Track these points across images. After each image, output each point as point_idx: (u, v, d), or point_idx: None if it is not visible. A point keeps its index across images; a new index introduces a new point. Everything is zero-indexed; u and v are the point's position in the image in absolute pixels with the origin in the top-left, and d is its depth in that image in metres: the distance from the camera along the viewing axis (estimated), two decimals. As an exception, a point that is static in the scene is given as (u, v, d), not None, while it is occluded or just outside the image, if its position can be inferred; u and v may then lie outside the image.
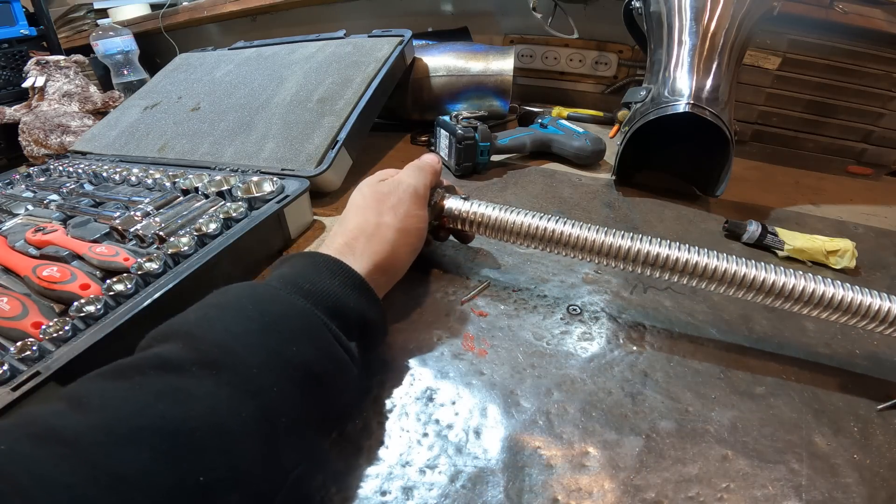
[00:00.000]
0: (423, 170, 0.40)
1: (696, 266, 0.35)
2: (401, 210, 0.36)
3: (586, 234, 0.37)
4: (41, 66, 0.84)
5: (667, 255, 0.35)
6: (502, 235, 0.41)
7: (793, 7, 0.63)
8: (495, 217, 0.40)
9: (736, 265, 0.34)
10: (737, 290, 0.34)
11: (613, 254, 0.36)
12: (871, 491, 0.28)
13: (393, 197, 0.37)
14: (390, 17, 1.09)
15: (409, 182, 0.38)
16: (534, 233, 0.39)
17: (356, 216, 0.36)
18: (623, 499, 0.28)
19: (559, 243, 0.38)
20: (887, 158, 0.73)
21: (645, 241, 0.36)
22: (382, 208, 0.36)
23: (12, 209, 0.55)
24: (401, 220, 0.36)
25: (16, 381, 0.30)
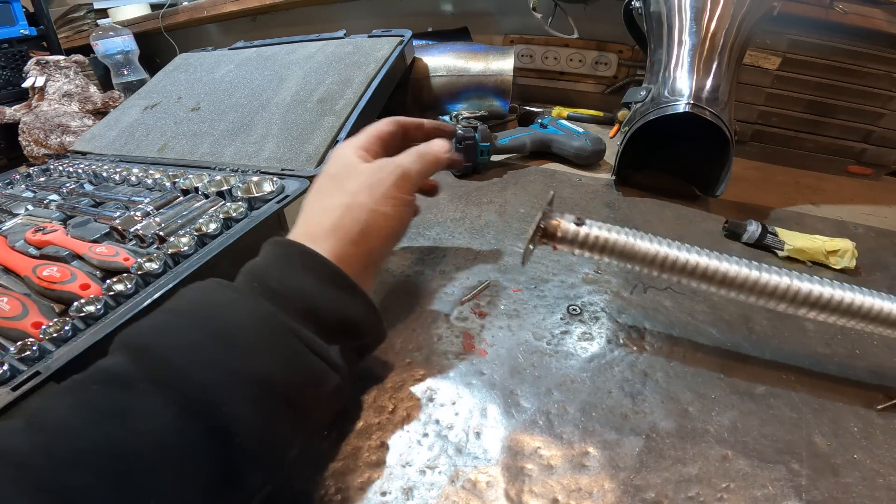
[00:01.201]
0: (423, 157, 0.35)
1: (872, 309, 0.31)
2: (378, 190, 0.31)
3: (746, 271, 0.32)
4: (41, 66, 0.84)
5: (841, 298, 0.31)
6: (631, 262, 0.35)
7: (793, 7, 0.63)
8: (627, 243, 0.35)
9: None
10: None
11: (772, 292, 0.32)
12: (871, 491, 0.28)
13: (372, 175, 0.32)
14: (390, 17, 1.09)
15: (398, 163, 0.34)
16: (673, 265, 0.34)
17: (327, 193, 0.33)
18: (623, 499, 0.28)
19: (708, 278, 0.33)
20: (887, 158, 0.73)
21: (808, 281, 0.32)
22: (356, 185, 0.32)
23: (12, 209, 0.55)
24: (377, 200, 0.31)
25: (16, 381, 0.30)
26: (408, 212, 0.34)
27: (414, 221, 0.57)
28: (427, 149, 0.36)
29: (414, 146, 0.36)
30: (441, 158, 0.37)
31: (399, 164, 0.33)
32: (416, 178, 0.34)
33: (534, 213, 0.58)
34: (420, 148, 0.36)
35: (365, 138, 0.36)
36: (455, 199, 0.61)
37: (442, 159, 0.37)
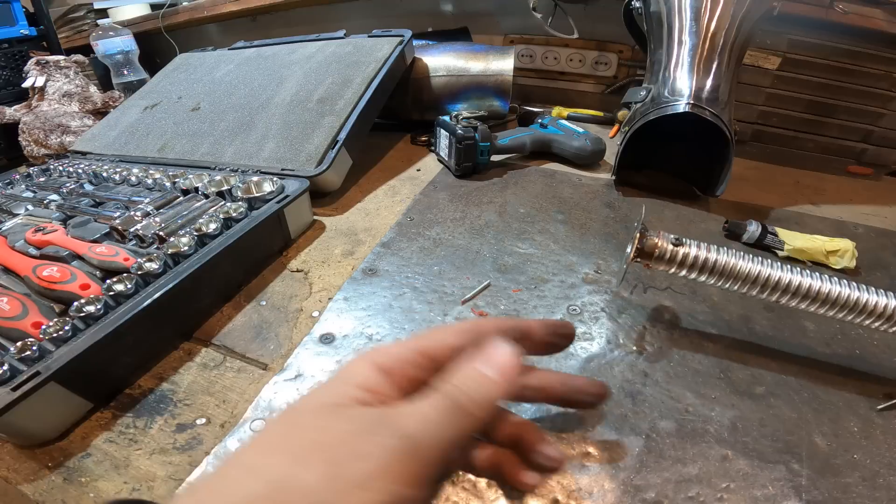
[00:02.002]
0: (457, 410, 0.19)
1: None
2: (351, 472, 0.17)
3: (858, 294, 0.33)
4: (41, 66, 0.84)
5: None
6: (732, 283, 0.35)
7: (793, 7, 0.63)
8: (729, 264, 0.35)
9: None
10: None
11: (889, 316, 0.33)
12: (871, 491, 0.28)
13: (351, 438, 0.18)
14: (390, 17, 1.09)
15: (405, 428, 0.18)
16: (777, 286, 0.34)
17: (269, 439, 0.19)
18: (623, 499, 0.28)
19: (815, 300, 0.34)
20: (887, 158, 0.73)
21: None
22: (309, 447, 0.17)
23: (12, 209, 0.55)
24: (339, 489, 0.16)
25: (16, 381, 0.30)
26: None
27: (414, 221, 0.58)
28: (467, 383, 0.20)
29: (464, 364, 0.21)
30: (502, 385, 0.20)
31: (404, 429, 0.18)
32: (439, 458, 0.18)
33: (534, 213, 0.58)
34: (454, 383, 0.20)
35: (398, 354, 0.21)
36: (455, 199, 0.61)
37: (502, 386, 0.20)
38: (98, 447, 0.32)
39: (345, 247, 0.52)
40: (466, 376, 0.20)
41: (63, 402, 0.32)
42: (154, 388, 0.36)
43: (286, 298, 0.45)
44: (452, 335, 0.22)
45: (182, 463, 0.31)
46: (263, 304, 0.44)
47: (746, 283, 0.35)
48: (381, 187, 0.65)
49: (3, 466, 0.31)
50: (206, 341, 0.41)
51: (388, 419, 0.18)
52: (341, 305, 0.44)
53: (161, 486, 0.30)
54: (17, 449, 0.32)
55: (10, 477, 0.31)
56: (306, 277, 0.48)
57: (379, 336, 0.40)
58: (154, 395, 0.36)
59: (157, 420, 0.34)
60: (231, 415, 0.34)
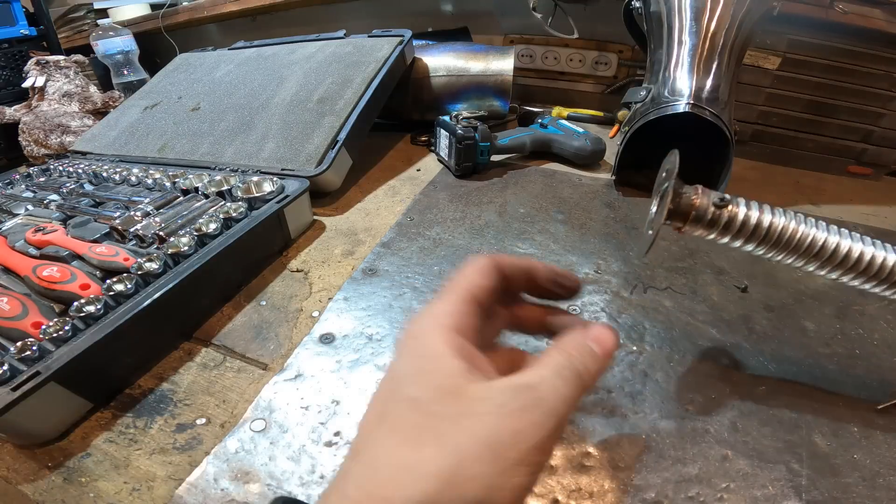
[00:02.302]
0: (579, 376, 0.20)
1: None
2: (511, 453, 0.17)
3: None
4: (41, 66, 0.84)
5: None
6: (786, 253, 0.28)
7: (793, 7, 0.63)
8: (789, 229, 0.27)
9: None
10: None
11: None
12: (871, 491, 0.28)
13: (500, 420, 0.18)
14: (390, 17, 1.09)
15: (545, 397, 0.19)
16: (848, 259, 0.27)
17: (409, 432, 0.18)
18: (623, 499, 0.28)
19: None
20: (887, 158, 0.73)
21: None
22: (467, 437, 0.18)
23: (12, 209, 0.55)
24: (504, 470, 0.17)
25: (16, 381, 0.30)
26: (541, 473, 0.20)
27: (414, 221, 0.58)
28: (584, 356, 0.21)
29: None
30: (604, 364, 0.22)
31: (545, 398, 0.19)
32: (565, 423, 0.19)
33: (534, 213, 0.58)
34: (573, 354, 0.21)
35: (456, 309, 0.21)
36: (455, 199, 0.61)
37: (604, 364, 0.22)
38: (98, 447, 0.32)
39: (345, 247, 0.52)
40: (583, 352, 0.21)
41: (63, 402, 0.32)
42: (154, 388, 0.36)
43: (286, 298, 0.45)
44: (481, 276, 0.23)
45: (182, 463, 0.31)
46: (263, 304, 0.44)
47: (815, 257, 0.27)
48: (381, 187, 0.65)
49: (3, 466, 0.31)
50: (206, 341, 0.41)
51: (527, 396, 0.19)
52: (341, 305, 0.44)
53: (161, 486, 0.30)
54: (17, 449, 0.32)
55: (10, 477, 0.31)
56: (306, 277, 0.48)
57: (379, 336, 0.40)
58: (154, 395, 0.36)
59: (157, 420, 0.34)
60: (231, 415, 0.34)
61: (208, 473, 0.30)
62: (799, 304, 0.43)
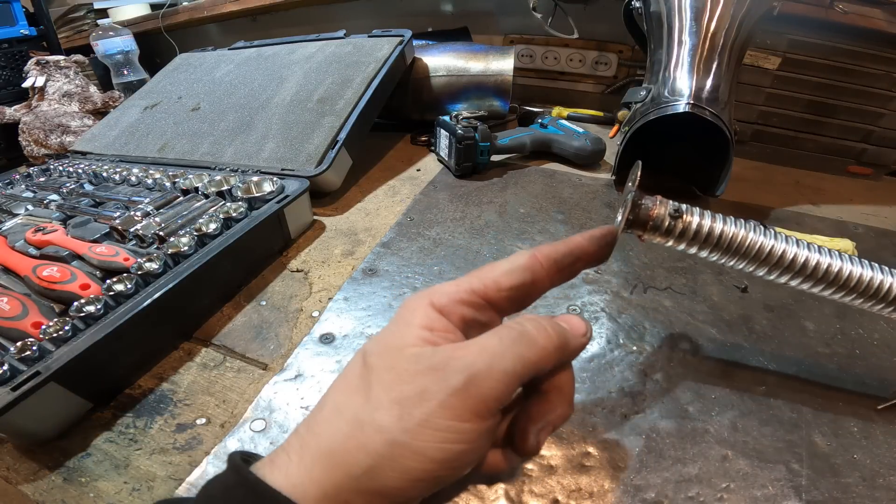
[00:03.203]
0: (524, 349, 0.20)
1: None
2: (416, 411, 0.18)
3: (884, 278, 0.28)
4: (41, 66, 0.84)
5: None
6: (740, 259, 0.30)
7: (793, 7, 0.63)
8: (739, 237, 0.29)
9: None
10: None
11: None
12: (871, 491, 0.28)
13: (414, 377, 0.19)
14: (390, 17, 1.09)
15: (469, 362, 0.19)
16: (794, 265, 0.29)
17: (348, 384, 0.20)
18: (623, 499, 0.28)
19: (837, 284, 0.29)
20: (887, 158, 0.73)
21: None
22: (382, 390, 0.19)
23: (12, 209, 0.55)
24: (408, 428, 0.18)
25: (16, 381, 0.30)
26: (470, 449, 0.19)
27: (414, 221, 0.58)
28: (538, 332, 0.21)
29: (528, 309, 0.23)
30: (568, 349, 0.22)
31: (469, 364, 0.19)
32: (498, 389, 0.19)
33: (534, 213, 0.58)
34: (528, 327, 0.21)
35: (454, 292, 0.22)
36: (455, 199, 0.61)
37: (570, 350, 0.22)
38: (98, 447, 0.32)
39: (345, 247, 0.52)
40: (535, 322, 0.21)
41: (63, 402, 0.32)
42: (154, 388, 0.36)
43: (286, 298, 0.45)
44: (506, 276, 0.22)
45: (182, 463, 0.31)
46: (263, 304, 0.44)
47: (763, 262, 0.29)
48: (381, 187, 0.65)
49: (3, 466, 0.31)
50: (206, 341, 0.41)
51: (449, 355, 0.19)
52: (341, 305, 0.44)
53: (161, 486, 0.30)
54: (17, 449, 0.32)
55: (10, 477, 0.31)
56: (306, 277, 0.48)
57: (379, 336, 0.40)
58: (154, 395, 0.36)
59: (157, 420, 0.34)
60: (231, 415, 0.34)
61: (208, 473, 0.30)
62: (799, 304, 0.43)
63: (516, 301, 0.23)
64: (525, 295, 0.23)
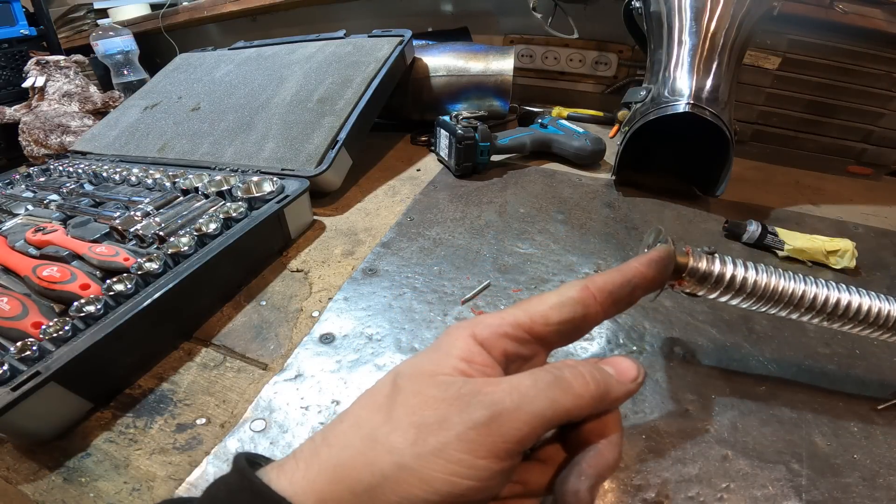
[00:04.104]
0: (557, 394, 0.19)
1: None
2: (431, 440, 0.18)
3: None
4: (41, 66, 0.84)
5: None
6: (776, 307, 0.30)
7: (793, 7, 0.63)
8: (774, 286, 0.28)
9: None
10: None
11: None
12: (871, 491, 0.28)
13: (436, 408, 0.18)
14: (390, 17, 1.09)
15: (495, 399, 0.18)
16: (834, 310, 0.29)
17: (374, 401, 0.20)
18: (623, 499, 0.28)
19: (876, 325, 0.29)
20: (887, 158, 0.73)
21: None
22: (402, 413, 0.19)
23: (12, 209, 0.55)
24: (420, 455, 0.17)
25: (16, 381, 0.30)
26: (480, 487, 0.18)
27: (414, 221, 0.58)
28: (574, 378, 0.20)
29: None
30: (609, 398, 0.20)
31: (497, 401, 0.18)
32: (522, 431, 0.18)
33: (534, 213, 0.58)
34: (566, 372, 0.20)
35: (498, 325, 0.21)
36: (455, 199, 0.61)
37: (612, 398, 0.21)
38: (98, 447, 0.32)
39: (345, 247, 0.52)
40: (580, 365, 0.20)
41: (63, 402, 0.32)
42: (154, 388, 0.36)
43: (286, 298, 0.45)
44: (555, 311, 0.21)
45: (182, 463, 0.31)
46: (263, 304, 0.44)
47: (799, 308, 0.29)
48: (381, 187, 0.65)
49: (3, 466, 0.31)
50: (206, 341, 0.41)
51: (478, 389, 0.19)
52: (341, 305, 0.44)
53: (161, 486, 0.30)
54: (17, 449, 0.32)
55: (10, 477, 0.31)
56: (306, 277, 0.48)
57: (379, 336, 0.40)
58: (154, 395, 0.36)
59: (157, 420, 0.34)
60: (231, 415, 0.34)
61: (208, 473, 0.30)
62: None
63: (566, 335, 0.22)
64: (575, 329, 0.22)
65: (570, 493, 0.19)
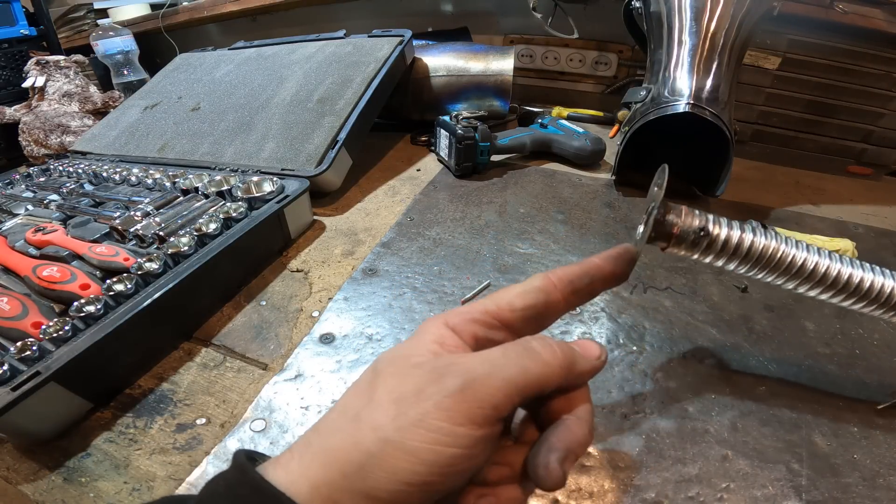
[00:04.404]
0: (528, 363, 0.20)
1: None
2: (411, 411, 0.18)
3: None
4: (41, 66, 0.84)
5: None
6: (768, 272, 0.29)
7: (793, 7, 0.63)
8: (769, 248, 0.28)
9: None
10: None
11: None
12: (871, 491, 0.28)
13: (416, 381, 0.19)
14: (390, 17, 1.09)
15: (469, 367, 0.19)
16: (827, 278, 0.28)
17: (358, 388, 0.21)
18: (623, 499, 0.28)
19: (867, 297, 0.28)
20: (887, 158, 0.73)
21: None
22: (384, 392, 0.20)
23: (12, 209, 0.55)
24: (401, 427, 0.18)
25: (16, 381, 0.30)
26: (463, 454, 0.18)
27: (414, 221, 0.58)
28: (543, 348, 0.21)
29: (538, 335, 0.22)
30: (562, 360, 0.21)
31: (469, 369, 0.19)
32: (496, 397, 0.19)
33: (534, 213, 0.58)
34: (534, 343, 0.21)
35: (468, 313, 0.22)
36: (455, 199, 0.61)
37: (564, 362, 0.21)
38: (98, 447, 0.32)
39: (345, 247, 0.52)
40: (548, 339, 0.22)
41: (63, 402, 0.32)
42: (154, 388, 0.36)
43: (286, 298, 0.45)
44: (519, 297, 0.23)
45: (182, 463, 0.31)
46: (263, 304, 0.44)
47: (795, 275, 0.28)
48: (381, 187, 0.65)
49: (3, 466, 0.31)
50: (206, 341, 0.41)
51: (451, 361, 0.20)
52: (341, 305, 0.44)
53: (161, 486, 0.30)
54: (17, 449, 0.32)
55: (10, 477, 0.31)
56: (306, 277, 0.48)
57: (379, 336, 0.40)
58: (154, 395, 0.36)
59: (157, 420, 0.34)
60: (231, 415, 0.34)
61: (208, 474, 0.30)
62: (799, 304, 0.43)
63: (531, 321, 0.23)
64: (539, 315, 0.23)
65: (540, 467, 0.20)
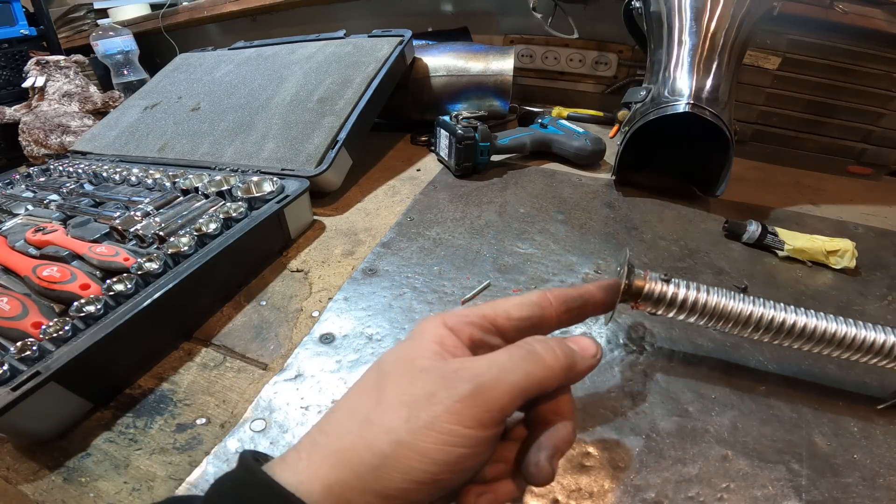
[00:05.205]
0: (532, 365, 0.21)
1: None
2: (422, 414, 0.19)
3: (864, 333, 0.31)
4: (41, 66, 0.84)
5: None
6: (725, 324, 0.33)
7: (793, 7, 0.63)
8: (721, 305, 0.32)
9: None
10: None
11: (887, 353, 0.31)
12: (871, 491, 0.28)
13: (425, 385, 0.20)
14: (390, 17, 1.09)
15: (477, 371, 0.20)
16: (779, 327, 0.32)
17: (363, 390, 0.22)
18: (623, 499, 0.28)
19: (817, 340, 0.32)
20: (887, 158, 0.73)
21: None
22: (393, 395, 0.20)
23: (12, 209, 0.55)
24: (414, 429, 0.19)
25: (16, 381, 0.30)
26: (471, 454, 0.19)
27: (414, 221, 0.58)
28: (546, 352, 0.22)
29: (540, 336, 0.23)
30: (563, 363, 0.22)
31: (478, 374, 0.20)
32: (503, 400, 0.20)
33: (534, 213, 0.58)
34: (537, 346, 0.22)
35: (466, 316, 0.24)
36: (455, 199, 0.61)
37: (577, 371, 0.23)
38: (98, 447, 0.32)
39: (345, 247, 0.52)
40: (543, 342, 0.23)
41: (63, 402, 0.32)
42: (154, 388, 0.36)
43: (286, 298, 0.45)
44: (516, 308, 0.25)
45: (182, 463, 0.31)
46: (263, 304, 0.44)
47: (745, 326, 0.32)
48: (381, 187, 0.65)
49: (3, 466, 0.31)
50: (206, 341, 0.41)
51: (459, 366, 0.21)
52: (341, 305, 0.44)
53: (161, 486, 0.30)
54: (17, 449, 0.32)
55: (10, 477, 0.31)
56: (306, 277, 0.48)
57: (379, 336, 0.40)
58: (154, 395, 0.36)
59: (157, 420, 0.34)
60: (231, 415, 0.34)
61: (208, 473, 0.30)
62: (799, 305, 0.43)
63: (524, 332, 0.24)
64: (533, 327, 0.25)
65: (531, 465, 0.21)
